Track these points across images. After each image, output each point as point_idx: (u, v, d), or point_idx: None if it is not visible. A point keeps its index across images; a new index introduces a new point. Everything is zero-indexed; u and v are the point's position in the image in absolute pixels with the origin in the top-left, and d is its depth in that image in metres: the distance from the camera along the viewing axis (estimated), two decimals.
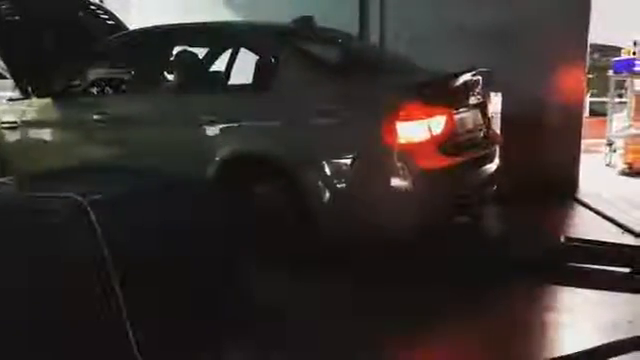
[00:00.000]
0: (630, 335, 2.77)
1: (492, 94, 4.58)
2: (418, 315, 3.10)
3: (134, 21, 6.05)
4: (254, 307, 3.06)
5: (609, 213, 4.87)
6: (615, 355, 2.64)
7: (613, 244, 3.98)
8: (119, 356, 2.33)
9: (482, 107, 4.24)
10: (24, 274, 2.32)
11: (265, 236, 3.64)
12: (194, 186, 3.18)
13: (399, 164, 3.47)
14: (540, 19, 5.56)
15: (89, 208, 2.37)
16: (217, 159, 3.81)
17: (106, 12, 5.60)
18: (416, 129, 3.50)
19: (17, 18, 4.99)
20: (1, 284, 2.31)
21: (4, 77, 5.22)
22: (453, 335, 2.99)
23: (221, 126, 3.86)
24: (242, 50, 4.90)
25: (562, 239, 4.01)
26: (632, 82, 7.72)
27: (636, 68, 7.33)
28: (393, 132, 3.43)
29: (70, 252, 2.34)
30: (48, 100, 4.64)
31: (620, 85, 8.46)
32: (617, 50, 8.61)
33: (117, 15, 5.61)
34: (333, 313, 3.14)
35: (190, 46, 4.69)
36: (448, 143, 3.65)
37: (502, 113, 5.26)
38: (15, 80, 4.96)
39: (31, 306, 2.31)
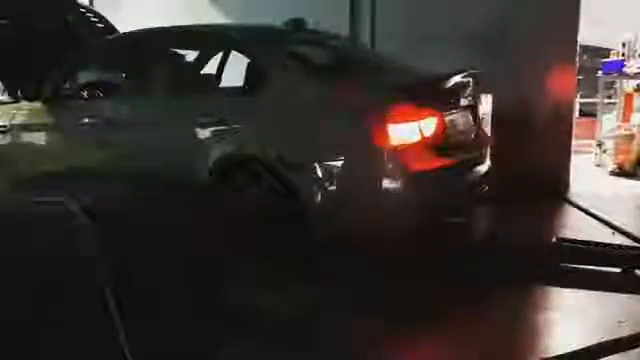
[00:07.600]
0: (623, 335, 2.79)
1: (482, 95, 4.59)
2: (412, 315, 3.11)
3: (124, 24, 6.02)
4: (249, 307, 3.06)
5: (599, 213, 4.89)
6: (607, 354, 2.66)
7: (605, 244, 3.99)
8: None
9: (473, 109, 4.25)
10: (17, 276, 2.31)
11: (258, 237, 3.63)
12: (185, 189, 3.18)
13: (390, 166, 3.47)
14: (530, 20, 5.58)
15: (79, 211, 2.37)
16: (209, 162, 3.80)
17: (96, 15, 5.59)
18: (407, 131, 3.51)
19: (5, 22, 4.98)
20: None
21: None
22: (448, 334, 2.99)
23: (212, 129, 3.85)
24: (233, 53, 4.90)
25: (554, 239, 4.03)
26: (621, 83, 7.77)
27: (625, 69, 7.38)
28: (384, 134, 3.43)
29: (62, 254, 2.33)
30: (38, 104, 4.61)
31: (609, 86, 8.53)
32: (606, 52, 8.65)
33: (107, 18, 5.61)
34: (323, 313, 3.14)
35: (181, 49, 4.68)
36: (439, 145, 3.65)
37: (493, 114, 5.27)
38: (4, 83, 4.94)
39: (24, 307, 2.30)
